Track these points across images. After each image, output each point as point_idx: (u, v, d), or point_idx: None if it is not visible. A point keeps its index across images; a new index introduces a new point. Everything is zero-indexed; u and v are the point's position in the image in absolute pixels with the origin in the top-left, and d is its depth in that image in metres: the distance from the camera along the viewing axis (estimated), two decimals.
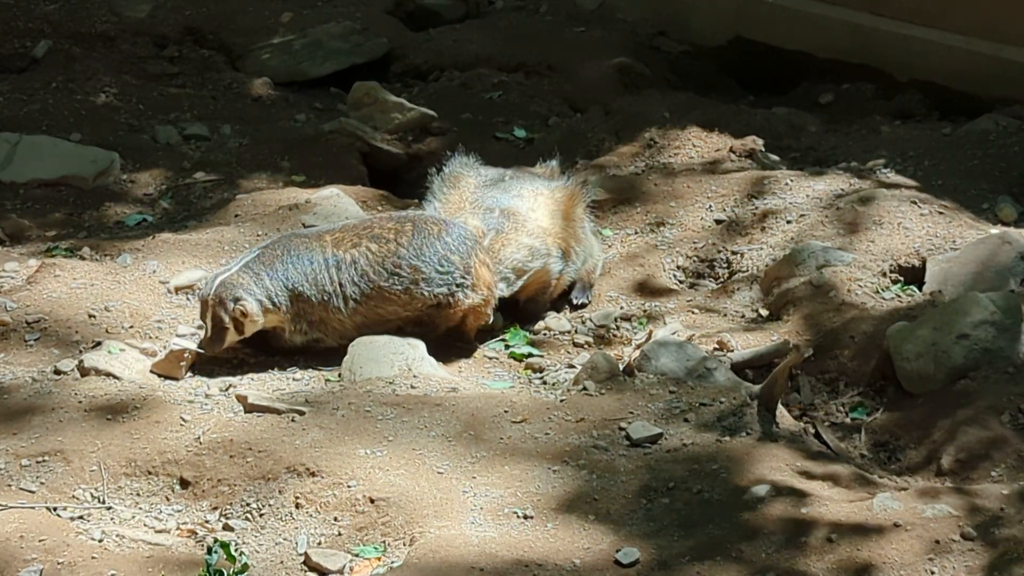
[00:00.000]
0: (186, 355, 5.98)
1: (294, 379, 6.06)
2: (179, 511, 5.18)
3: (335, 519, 5.01)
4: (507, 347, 6.45)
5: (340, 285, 6.09)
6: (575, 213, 6.77)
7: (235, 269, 6.05)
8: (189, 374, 5.98)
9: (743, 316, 6.62)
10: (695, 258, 7.11)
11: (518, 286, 6.56)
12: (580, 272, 6.84)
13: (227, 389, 5.86)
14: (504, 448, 5.32)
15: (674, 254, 7.12)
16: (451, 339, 6.32)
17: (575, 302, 6.81)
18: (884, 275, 6.63)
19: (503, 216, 6.56)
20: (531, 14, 10.08)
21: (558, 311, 6.82)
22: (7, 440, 5.35)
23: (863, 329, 6.17)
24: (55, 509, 5.10)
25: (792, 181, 7.43)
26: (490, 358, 6.37)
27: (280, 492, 5.12)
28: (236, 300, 5.95)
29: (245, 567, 4.68)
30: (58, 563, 4.75)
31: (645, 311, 6.72)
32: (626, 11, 9.91)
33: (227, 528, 5.05)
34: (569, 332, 6.58)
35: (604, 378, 5.78)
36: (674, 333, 6.15)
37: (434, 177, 6.90)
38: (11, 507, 5.01)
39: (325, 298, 6.08)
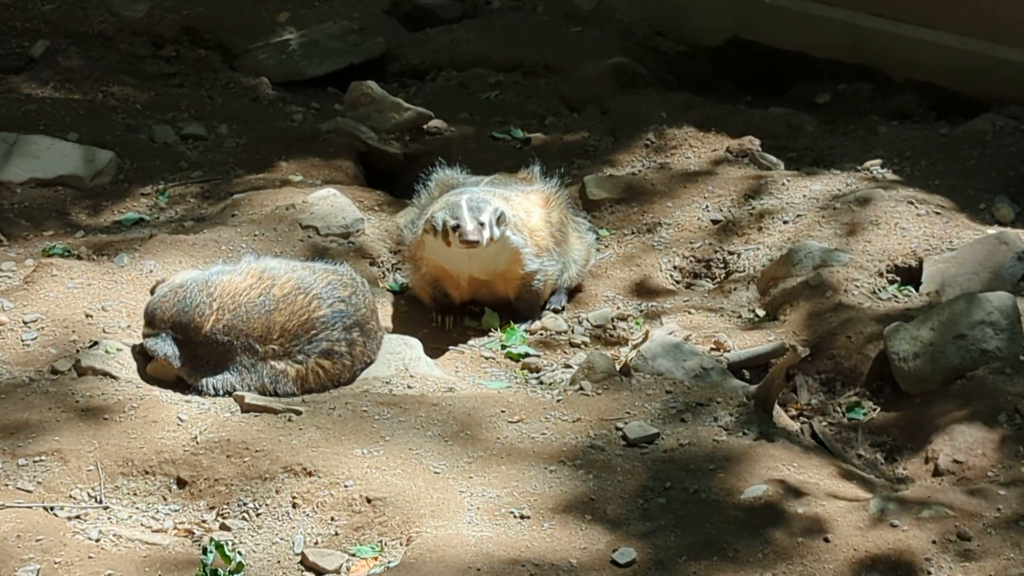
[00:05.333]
0: None
1: None
2: (176, 511, 5.18)
3: (332, 519, 5.01)
4: (504, 347, 6.45)
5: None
6: (552, 216, 6.75)
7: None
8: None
9: (740, 316, 6.63)
10: (692, 258, 7.11)
11: None
12: (564, 277, 6.81)
13: None
14: (501, 448, 5.32)
15: (671, 254, 7.13)
16: None
17: (550, 306, 6.78)
18: (881, 275, 6.63)
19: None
20: (528, 14, 10.09)
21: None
22: (4, 439, 5.34)
23: (860, 329, 6.18)
24: (52, 509, 5.10)
25: (789, 181, 7.43)
26: (487, 358, 6.37)
27: (277, 492, 5.12)
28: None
29: (241, 566, 4.68)
30: (55, 563, 4.75)
31: (642, 311, 6.73)
32: (623, 11, 9.92)
33: (224, 528, 5.05)
34: (566, 332, 6.58)
35: (601, 378, 5.78)
36: (671, 333, 6.15)
37: (420, 189, 6.89)
38: (8, 506, 5.01)
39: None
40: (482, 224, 6.30)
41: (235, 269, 5.90)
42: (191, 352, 5.74)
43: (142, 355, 5.87)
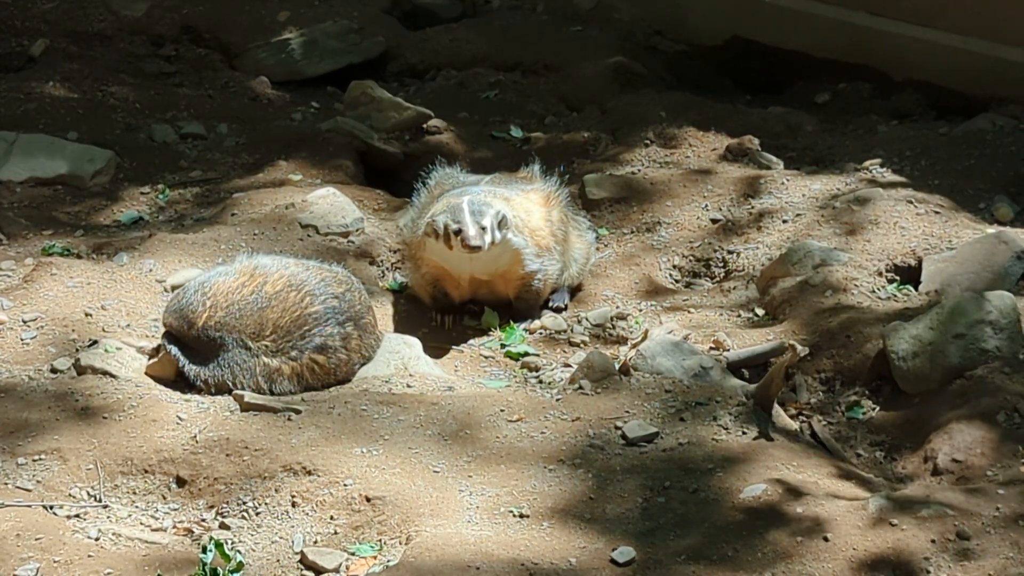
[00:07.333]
0: None
1: None
2: (175, 510, 5.18)
3: (331, 518, 5.02)
4: (503, 346, 6.45)
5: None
6: (552, 215, 6.75)
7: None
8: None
9: (739, 315, 6.62)
10: (691, 257, 7.11)
11: None
12: (564, 276, 6.81)
13: None
14: (500, 447, 5.32)
15: (670, 253, 7.13)
16: None
17: (552, 305, 6.79)
18: (880, 275, 6.63)
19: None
20: (528, 13, 10.09)
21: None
22: (3, 438, 5.34)
23: (859, 329, 6.17)
24: (51, 508, 5.10)
25: (788, 181, 7.44)
26: (486, 357, 6.37)
27: (276, 491, 5.12)
28: None
29: (240, 565, 4.68)
30: (54, 561, 4.75)
31: (641, 310, 6.73)
32: (623, 10, 9.92)
33: (223, 527, 5.05)
34: (565, 331, 6.58)
35: (600, 377, 5.78)
36: (670, 332, 6.15)
37: (419, 188, 6.88)
38: (7, 505, 5.01)
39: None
40: (484, 228, 6.30)
41: (230, 270, 5.90)
42: (188, 349, 5.76)
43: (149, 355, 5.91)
